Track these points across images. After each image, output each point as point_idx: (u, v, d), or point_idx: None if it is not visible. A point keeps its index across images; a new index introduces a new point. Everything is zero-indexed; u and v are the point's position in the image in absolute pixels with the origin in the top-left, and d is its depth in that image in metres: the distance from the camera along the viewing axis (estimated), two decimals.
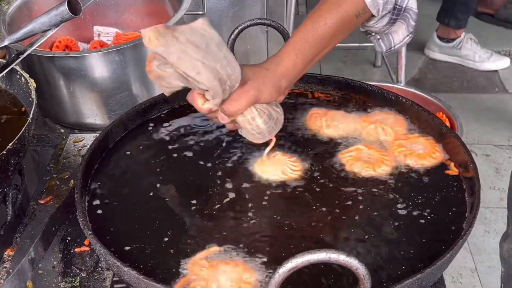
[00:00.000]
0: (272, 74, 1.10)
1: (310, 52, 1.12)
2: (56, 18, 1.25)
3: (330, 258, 0.77)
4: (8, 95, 1.30)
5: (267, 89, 1.09)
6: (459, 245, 0.95)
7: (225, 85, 1.04)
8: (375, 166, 1.15)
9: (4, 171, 1.04)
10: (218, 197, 1.10)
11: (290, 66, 1.11)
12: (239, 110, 1.08)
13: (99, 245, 0.95)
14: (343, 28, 1.13)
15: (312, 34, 1.11)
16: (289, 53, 1.11)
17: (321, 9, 1.13)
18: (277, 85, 1.10)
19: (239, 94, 1.07)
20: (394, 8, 1.14)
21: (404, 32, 1.19)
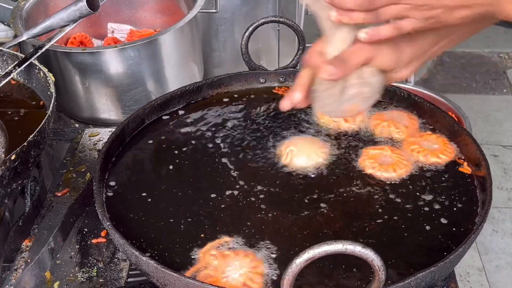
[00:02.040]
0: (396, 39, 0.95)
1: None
2: (75, 14, 1.27)
3: (347, 249, 0.79)
4: (27, 89, 1.32)
5: (387, 48, 0.95)
6: (471, 240, 0.96)
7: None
8: (394, 166, 1.16)
9: (25, 163, 1.06)
10: (231, 189, 1.12)
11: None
12: (356, 63, 0.94)
13: (117, 236, 0.97)
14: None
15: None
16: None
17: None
18: (398, 48, 0.96)
19: (357, 47, 0.94)
20: None
21: None
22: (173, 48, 1.52)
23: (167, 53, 1.52)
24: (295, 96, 1.01)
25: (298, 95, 1.01)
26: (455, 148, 1.20)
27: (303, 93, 1.01)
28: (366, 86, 0.98)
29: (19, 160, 1.03)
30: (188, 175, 1.16)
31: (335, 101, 0.99)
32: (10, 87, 1.32)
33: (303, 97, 1.01)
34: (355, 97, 0.98)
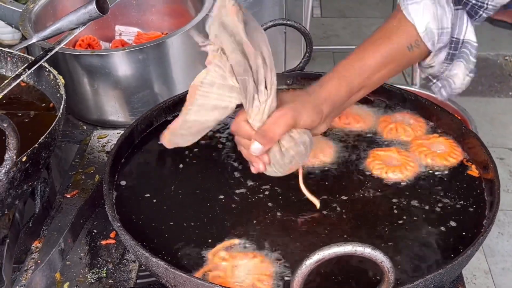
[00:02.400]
0: (313, 97, 1.04)
1: (355, 80, 1.06)
2: (84, 17, 1.28)
3: (356, 251, 0.80)
4: (36, 91, 1.33)
5: (306, 112, 1.02)
6: (479, 242, 0.97)
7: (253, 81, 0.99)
8: (402, 168, 1.17)
9: (36, 164, 1.07)
10: (240, 190, 1.13)
11: (333, 90, 1.05)
12: (278, 134, 1.01)
13: (127, 237, 0.97)
14: (393, 60, 1.07)
15: (358, 62, 1.06)
16: (332, 78, 1.06)
17: (369, 40, 1.08)
18: (318, 109, 1.03)
19: (277, 117, 1.00)
20: (451, 42, 1.07)
21: (464, 72, 1.11)
22: (180, 51, 1.53)
23: (174, 55, 1.53)
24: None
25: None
26: (462, 150, 1.20)
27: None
28: (300, 145, 1.04)
29: (30, 162, 1.04)
30: (197, 176, 1.17)
31: (280, 166, 1.05)
32: (20, 89, 1.33)
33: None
34: (295, 157, 1.04)
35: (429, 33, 1.05)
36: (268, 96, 1.00)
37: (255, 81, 0.99)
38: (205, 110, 1.02)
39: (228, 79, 1.00)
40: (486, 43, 3.87)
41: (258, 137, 1.01)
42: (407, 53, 1.07)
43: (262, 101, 1.00)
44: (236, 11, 0.96)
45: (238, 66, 0.98)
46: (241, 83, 0.99)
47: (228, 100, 1.01)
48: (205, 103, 1.02)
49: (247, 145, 1.04)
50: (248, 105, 1.01)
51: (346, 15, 4.08)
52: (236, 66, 0.98)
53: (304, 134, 1.05)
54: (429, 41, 1.06)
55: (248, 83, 0.99)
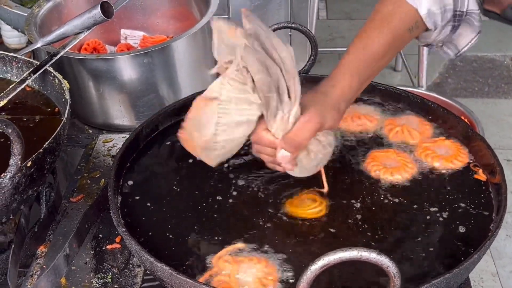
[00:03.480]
0: (330, 97, 1.04)
1: (364, 72, 1.07)
2: (89, 21, 1.28)
3: (362, 256, 0.79)
4: (41, 96, 1.33)
5: (329, 114, 1.02)
6: (486, 246, 0.96)
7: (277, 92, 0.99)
8: (400, 170, 1.17)
9: (41, 169, 1.07)
10: (245, 195, 1.13)
11: (346, 88, 1.05)
12: (306, 140, 1.01)
13: (132, 242, 0.97)
14: (396, 44, 1.08)
15: (365, 53, 1.06)
16: (344, 74, 1.06)
17: (371, 26, 1.08)
18: (338, 108, 1.04)
19: (303, 123, 1.00)
20: (454, 15, 1.08)
21: (470, 34, 1.12)
22: (186, 54, 1.53)
23: (180, 59, 1.53)
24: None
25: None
26: (469, 153, 1.20)
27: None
28: (327, 147, 1.08)
29: (35, 167, 1.04)
30: (202, 181, 1.16)
31: (307, 169, 1.09)
32: (25, 93, 1.33)
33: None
34: (323, 159, 1.09)
35: (431, 14, 1.05)
36: (292, 105, 0.99)
37: (278, 94, 0.99)
38: (231, 128, 1.02)
39: (249, 95, 0.99)
40: (493, 44, 3.85)
41: (285, 145, 1.01)
42: (407, 34, 1.08)
43: (286, 111, 0.99)
44: (234, 30, 0.97)
45: (263, 85, 0.97)
46: (264, 100, 0.99)
47: (249, 114, 1.01)
48: (229, 121, 1.01)
49: (271, 154, 1.04)
50: (270, 117, 1.00)
51: (352, 17, 4.07)
52: (261, 85, 0.97)
53: (329, 135, 1.07)
54: (430, 21, 1.06)
55: (272, 99, 0.99)
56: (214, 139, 1.03)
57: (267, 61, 0.97)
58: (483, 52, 3.80)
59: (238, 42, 0.97)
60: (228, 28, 0.97)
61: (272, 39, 0.99)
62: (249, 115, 1.01)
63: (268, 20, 1.95)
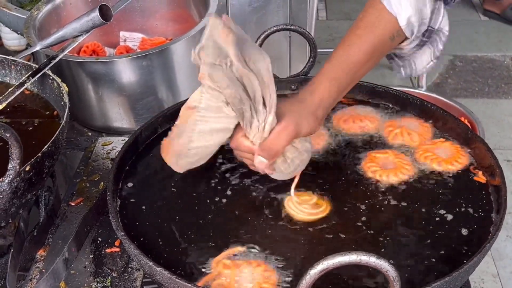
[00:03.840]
0: (307, 105, 1.05)
1: (344, 79, 1.07)
2: (88, 24, 1.28)
3: (361, 260, 0.79)
4: (40, 99, 1.33)
5: (305, 121, 1.03)
6: (486, 249, 0.96)
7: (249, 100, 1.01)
8: (397, 172, 1.16)
9: (39, 173, 1.07)
10: (244, 198, 1.12)
11: (325, 94, 1.06)
12: (281, 148, 1.02)
13: (131, 246, 0.97)
14: (378, 52, 1.08)
15: (346, 60, 1.07)
16: (323, 82, 1.06)
17: (353, 34, 1.08)
18: (315, 116, 1.05)
19: (279, 132, 1.01)
20: (425, 30, 1.09)
21: (428, 58, 1.14)
22: (185, 57, 1.53)
23: (179, 61, 1.53)
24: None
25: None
26: (469, 155, 1.19)
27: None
28: (304, 153, 1.08)
29: (33, 171, 1.04)
30: (201, 184, 1.16)
31: (284, 174, 1.10)
32: (24, 97, 1.33)
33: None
34: (300, 164, 1.09)
35: (410, 25, 1.07)
36: (267, 113, 1.01)
37: (252, 104, 1.00)
38: (207, 135, 1.04)
39: (224, 108, 1.01)
40: (493, 44, 3.85)
41: (262, 153, 1.02)
42: (389, 43, 1.09)
43: (261, 120, 1.01)
44: (227, 34, 0.97)
45: (233, 99, 0.99)
46: (237, 112, 1.01)
47: (227, 122, 1.03)
48: (205, 128, 1.03)
49: (250, 158, 1.06)
50: (246, 126, 1.02)
51: (351, 18, 4.07)
52: (231, 99, 0.99)
53: (306, 142, 1.08)
54: (409, 32, 1.08)
55: (245, 111, 1.00)
56: (188, 146, 1.05)
57: (246, 72, 0.98)
58: (483, 52, 3.79)
59: (225, 46, 0.98)
60: (222, 29, 0.97)
61: (248, 47, 1.01)
62: (227, 123, 1.03)
63: (267, 22, 1.94)
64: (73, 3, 1.70)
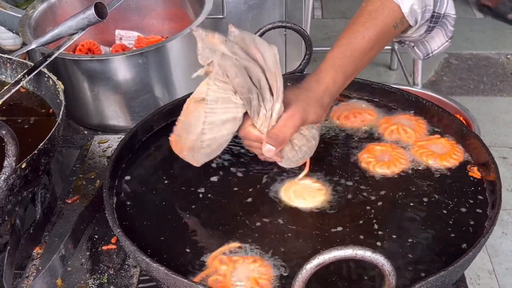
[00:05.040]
0: (314, 93, 1.07)
1: (349, 67, 1.09)
2: (83, 22, 1.28)
3: (357, 254, 0.79)
4: (36, 97, 1.33)
5: (312, 109, 1.05)
6: (481, 244, 0.96)
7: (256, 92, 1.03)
8: (391, 165, 1.17)
9: (35, 171, 1.07)
10: (239, 195, 1.13)
11: (330, 82, 1.08)
12: (289, 135, 1.05)
13: (128, 242, 0.97)
14: (381, 40, 1.10)
15: (350, 48, 1.08)
16: (328, 70, 1.08)
17: (356, 23, 1.10)
18: (321, 103, 1.07)
19: (286, 119, 1.03)
20: (432, 16, 1.11)
21: (442, 38, 1.16)
22: (180, 54, 1.53)
23: (174, 59, 1.53)
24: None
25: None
26: (464, 151, 1.20)
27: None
28: (311, 140, 1.10)
29: (29, 168, 1.04)
30: (198, 181, 1.16)
31: (293, 162, 1.12)
32: (19, 95, 1.33)
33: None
34: (307, 151, 1.11)
35: (413, 12, 1.08)
36: (274, 101, 1.03)
37: (259, 92, 1.03)
38: (217, 127, 1.06)
39: (232, 96, 1.03)
40: (488, 42, 3.86)
41: (269, 141, 1.05)
42: (392, 31, 1.10)
43: (268, 108, 1.04)
44: (212, 36, 1.01)
45: (242, 88, 1.02)
46: (245, 101, 1.03)
47: (235, 111, 1.05)
48: (215, 119, 1.05)
49: (258, 148, 1.08)
50: (254, 114, 1.04)
51: (347, 16, 4.07)
52: (240, 88, 1.02)
53: (313, 129, 1.10)
54: (412, 19, 1.09)
55: (253, 99, 1.03)
56: (201, 138, 1.07)
57: (248, 63, 1.01)
58: (478, 50, 3.81)
59: (216, 48, 1.01)
60: (206, 35, 1.01)
61: (256, 41, 1.04)
62: (235, 113, 1.05)
63: (263, 20, 1.94)
64: (69, 1, 1.70)
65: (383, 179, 1.15)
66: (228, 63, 1.01)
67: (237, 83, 1.02)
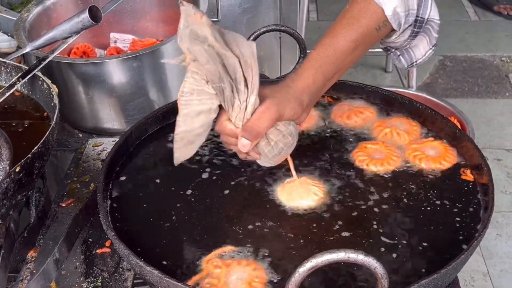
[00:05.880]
0: (292, 89, 1.07)
1: (330, 68, 1.09)
2: (77, 26, 1.28)
3: (349, 257, 0.80)
4: (30, 100, 1.33)
5: (289, 104, 1.05)
6: (473, 246, 0.97)
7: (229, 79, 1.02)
8: (384, 162, 1.19)
9: (30, 174, 1.07)
10: (234, 198, 1.13)
11: (310, 81, 1.08)
12: (264, 129, 1.04)
13: (122, 246, 0.97)
14: (363, 43, 1.10)
15: (332, 49, 1.09)
16: (308, 68, 1.09)
17: (339, 24, 1.10)
18: (299, 100, 1.07)
19: (261, 112, 1.03)
20: (415, 20, 1.12)
21: (426, 46, 1.17)
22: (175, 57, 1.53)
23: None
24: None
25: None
26: (457, 154, 1.20)
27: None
28: (288, 136, 1.09)
29: (23, 172, 1.04)
30: (191, 184, 1.16)
31: (270, 158, 1.11)
32: (14, 98, 1.33)
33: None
34: (284, 148, 1.10)
35: (396, 15, 1.09)
36: (249, 93, 1.02)
37: (232, 83, 1.02)
38: (190, 118, 1.05)
39: (205, 88, 1.02)
40: (483, 44, 3.87)
41: (244, 134, 1.04)
42: (375, 33, 1.11)
43: (242, 100, 1.03)
44: (201, 16, 0.98)
45: (212, 76, 1.01)
46: (217, 90, 1.02)
47: (210, 103, 1.04)
48: (189, 111, 1.04)
49: (234, 143, 1.08)
50: (228, 106, 1.04)
51: None
52: (210, 76, 1.01)
53: (290, 125, 1.09)
54: (395, 23, 1.10)
55: (225, 89, 1.02)
56: (176, 131, 1.06)
57: (224, 51, 0.99)
58: (473, 52, 3.82)
59: (200, 30, 0.99)
60: (194, 13, 0.98)
61: (236, 37, 1.02)
62: (210, 104, 1.04)
63: (258, 23, 1.95)
64: (63, 4, 1.70)
65: (377, 180, 1.15)
66: (198, 48, 0.99)
67: (207, 69, 1.00)
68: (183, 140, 1.07)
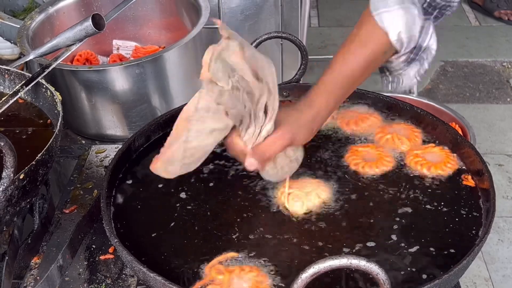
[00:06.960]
0: (305, 116, 1.09)
1: (340, 93, 1.13)
2: (81, 33, 1.29)
3: (351, 263, 0.80)
4: (34, 108, 1.34)
5: (301, 132, 1.08)
6: (475, 252, 0.97)
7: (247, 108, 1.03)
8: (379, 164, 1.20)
9: (33, 181, 1.08)
10: (236, 205, 1.13)
11: (322, 107, 1.10)
12: (274, 154, 1.07)
13: (125, 252, 0.98)
14: (371, 67, 1.13)
15: (341, 75, 1.11)
16: (320, 94, 1.11)
17: (347, 50, 1.12)
18: (310, 127, 1.10)
19: (275, 138, 1.05)
20: (414, 47, 1.14)
21: (414, 73, 1.19)
22: (177, 64, 1.54)
23: (171, 69, 1.54)
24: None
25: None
26: (458, 159, 1.21)
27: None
28: (294, 162, 1.12)
29: (27, 179, 1.05)
30: (194, 190, 1.17)
31: (272, 177, 1.14)
32: (17, 106, 1.34)
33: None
34: (288, 172, 1.13)
35: (400, 40, 1.11)
36: (267, 121, 1.04)
37: (252, 110, 1.02)
38: (204, 135, 1.04)
39: (222, 113, 1.02)
40: (484, 49, 3.88)
41: (255, 156, 1.06)
42: (381, 56, 1.13)
43: (257, 127, 1.04)
44: (242, 55, 0.99)
45: (236, 116, 1.02)
46: (236, 120, 1.02)
47: (226, 122, 1.03)
48: (203, 127, 1.03)
49: (242, 158, 1.08)
50: (242, 130, 1.04)
51: (343, 25, 4.09)
52: (234, 116, 1.02)
53: (298, 151, 1.11)
54: (399, 47, 1.12)
55: (244, 118, 1.02)
56: (184, 147, 1.03)
57: (253, 80, 1.00)
58: (474, 58, 3.82)
59: (237, 66, 0.99)
60: (238, 50, 0.99)
61: (255, 55, 1.02)
62: (225, 122, 1.03)
63: (260, 29, 1.96)
64: (66, 12, 1.71)
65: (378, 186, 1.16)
66: (225, 98, 1.00)
67: (232, 113, 1.02)
68: (193, 156, 1.06)
